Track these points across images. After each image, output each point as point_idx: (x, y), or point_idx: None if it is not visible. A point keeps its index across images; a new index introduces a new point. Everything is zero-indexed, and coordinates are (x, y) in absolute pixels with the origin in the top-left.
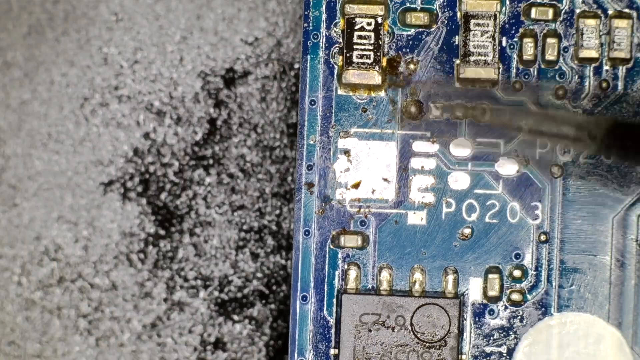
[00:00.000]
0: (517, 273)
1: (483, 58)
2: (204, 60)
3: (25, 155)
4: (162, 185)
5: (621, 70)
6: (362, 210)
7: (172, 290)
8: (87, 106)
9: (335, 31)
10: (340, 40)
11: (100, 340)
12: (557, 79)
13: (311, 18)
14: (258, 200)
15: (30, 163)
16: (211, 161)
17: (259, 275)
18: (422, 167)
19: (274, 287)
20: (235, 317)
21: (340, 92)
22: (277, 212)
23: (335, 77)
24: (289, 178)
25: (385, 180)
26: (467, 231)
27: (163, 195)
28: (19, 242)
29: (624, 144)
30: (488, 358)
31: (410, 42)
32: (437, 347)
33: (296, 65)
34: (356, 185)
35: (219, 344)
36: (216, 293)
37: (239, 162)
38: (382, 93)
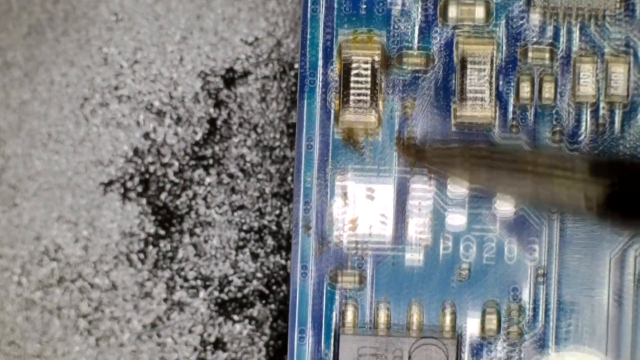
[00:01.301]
0: (514, 311)
1: (480, 100)
2: (204, 60)
3: (25, 155)
4: (162, 185)
5: (618, 112)
6: (359, 250)
7: (172, 290)
8: (87, 106)
9: (332, 72)
10: (337, 82)
11: (100, 340)
12: (554, 120)
13: (308, 60)
14: (258, 200)
15: (30, 163)
16: (211, 161)
17: (259, 275)
18: (419, 206)
19: (274, 287)
20: (235, 317)
21: (337, 133)
22: (277, 212)
23: (332, 118)
24: (289, 178)
25: (383, 220)
26: (465, 270)
27: (163, 195)
28: (19, 242)
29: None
30: None
31: (407, 84)
32: None
33: (296, 65)
34: (353, 225)
35: (219, 344)
36: (216, 293)
37: (239, 162)
38: (379, 134)
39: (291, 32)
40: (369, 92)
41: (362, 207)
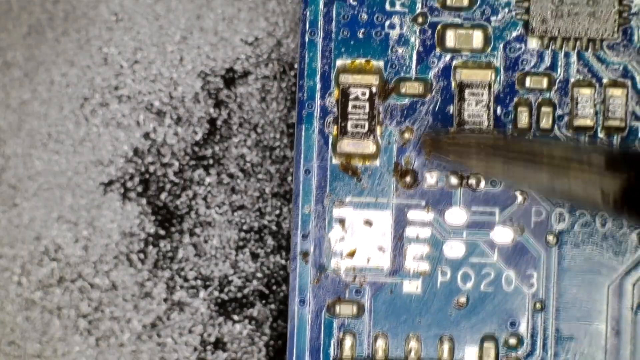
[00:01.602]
0: (512, 341)
1: (478, 127)
2: (204, 60)
3: (25, 155)
4: (162, 185)
5: (616, 139)
6: (357, 279)
7: (172, 290)
8: (87, 106)
9: (329, 101)
10: (335, 109)
11: (100, 340)
12: None
13: (305, 88)
14: (258, 200)
15: (30, 163)
16: (211, 161)
17: (259, 275)
18: (417, 235)
19: (274, 287)
20: (235, 317)
21: (335, 161)
22: (277, 212)
23: (330, 147)
24: (289, 178)
25: (381, 249)
26: (463, 300)
27: (163, 195)
28: (19, 242)
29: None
30: None
31: (405, 111)
32: None
33: (296, 65)
34: (351, 254)
35: (219, 344)
36: (216, 293)
37: (239, 162)
38: (377, 162)
39: (291, 32)
40: (366, 119)
41: (359, 236)
